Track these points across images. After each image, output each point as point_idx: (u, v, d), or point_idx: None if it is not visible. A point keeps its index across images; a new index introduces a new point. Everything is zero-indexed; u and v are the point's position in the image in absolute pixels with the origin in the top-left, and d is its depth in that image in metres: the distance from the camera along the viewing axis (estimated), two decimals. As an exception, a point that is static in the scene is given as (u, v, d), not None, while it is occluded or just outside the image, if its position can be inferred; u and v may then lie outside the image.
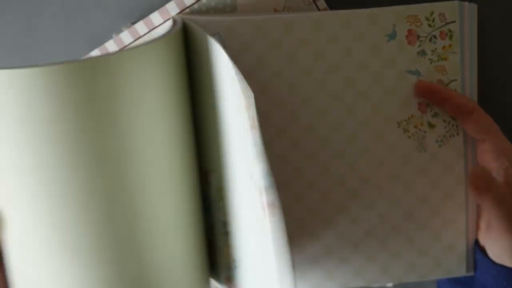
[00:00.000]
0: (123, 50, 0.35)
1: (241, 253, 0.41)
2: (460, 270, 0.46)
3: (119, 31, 0.47)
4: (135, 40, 0.46)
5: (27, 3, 0.47)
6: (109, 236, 0.37)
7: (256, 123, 0.34)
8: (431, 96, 0.43)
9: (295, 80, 0.43)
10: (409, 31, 0.43)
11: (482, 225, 0.44)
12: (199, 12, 0.46)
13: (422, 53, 0.43)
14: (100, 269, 0.37)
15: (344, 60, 0.43)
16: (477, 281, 0.45)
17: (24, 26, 0.47)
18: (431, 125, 0.44)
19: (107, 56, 0.34)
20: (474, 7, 0.43)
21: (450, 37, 0.43)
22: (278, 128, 0.43)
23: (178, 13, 0.46)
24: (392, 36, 0.43)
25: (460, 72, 0.44)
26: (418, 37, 0.43)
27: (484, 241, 0.44)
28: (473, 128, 0.42)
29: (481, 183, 0.40)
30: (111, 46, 0.46)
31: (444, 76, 0.44)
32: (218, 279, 0.45)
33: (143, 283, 0.38)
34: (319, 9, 0.46)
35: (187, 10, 0.46)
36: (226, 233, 0.42)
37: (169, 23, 0.45)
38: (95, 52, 0.46)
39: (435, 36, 0.43)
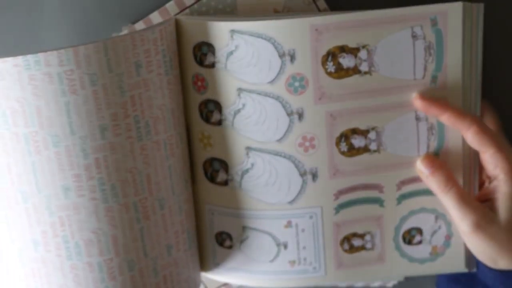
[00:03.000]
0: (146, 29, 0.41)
1: None
2: (460, 267, 0.46)
3: (119, 31, 0.47)
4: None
5: (27, 3, 0.47)
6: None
7: None
8: (427, 110, 0.43)
9: None
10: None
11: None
12: (199, 12, 0.46)
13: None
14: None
15: None
16: (478, 280, 0.45)
17: (24, 26, 0.48)
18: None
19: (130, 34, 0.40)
20: (480, 7, 0.42)
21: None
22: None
23: (178, 13, 0.46)
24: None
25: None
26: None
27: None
28: (471, 141, 0.42)
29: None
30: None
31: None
32: None
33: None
34: (319, 9, 0.46)
35: (187, 10, 0.46)
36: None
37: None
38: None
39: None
